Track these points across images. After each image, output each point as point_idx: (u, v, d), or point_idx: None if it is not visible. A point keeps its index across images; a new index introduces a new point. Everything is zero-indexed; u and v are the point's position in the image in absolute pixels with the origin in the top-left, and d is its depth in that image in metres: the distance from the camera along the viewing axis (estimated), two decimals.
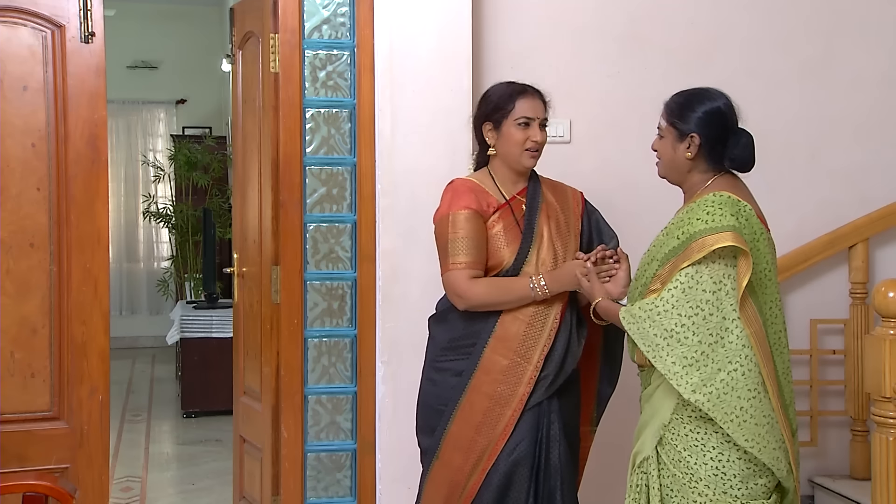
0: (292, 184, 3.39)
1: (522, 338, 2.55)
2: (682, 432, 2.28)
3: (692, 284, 2.20)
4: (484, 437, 2.54)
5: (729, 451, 2.24)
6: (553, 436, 2.57)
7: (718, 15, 3.77)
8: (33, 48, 2.95)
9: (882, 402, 2.68)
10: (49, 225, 2.97)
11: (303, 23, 3.39)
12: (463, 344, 2.60)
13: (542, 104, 2.63)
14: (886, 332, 2.67)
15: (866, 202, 3.83)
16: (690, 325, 2.18)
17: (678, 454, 2.28)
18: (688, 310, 2.19)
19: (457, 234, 2.54)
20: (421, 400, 2.71)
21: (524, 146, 2.58)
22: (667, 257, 2.28)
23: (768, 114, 3.77)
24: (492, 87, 2.70)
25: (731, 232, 2.20)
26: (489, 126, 2.63)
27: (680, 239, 2.25)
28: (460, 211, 2.55)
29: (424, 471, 2.67)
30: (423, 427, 2.69)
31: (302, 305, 3.42)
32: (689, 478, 2.25)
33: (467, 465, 2.55)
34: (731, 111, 2.37)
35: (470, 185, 2.62)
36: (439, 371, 2.64)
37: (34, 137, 2.95)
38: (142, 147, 9.22)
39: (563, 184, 2.78)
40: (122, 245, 9.26)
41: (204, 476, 4.87)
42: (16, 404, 2.95)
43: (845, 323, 3.81)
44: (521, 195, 2.65)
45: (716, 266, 2.21)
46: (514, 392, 2.53)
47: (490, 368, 2.55)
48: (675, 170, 2.40)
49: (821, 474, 3.81)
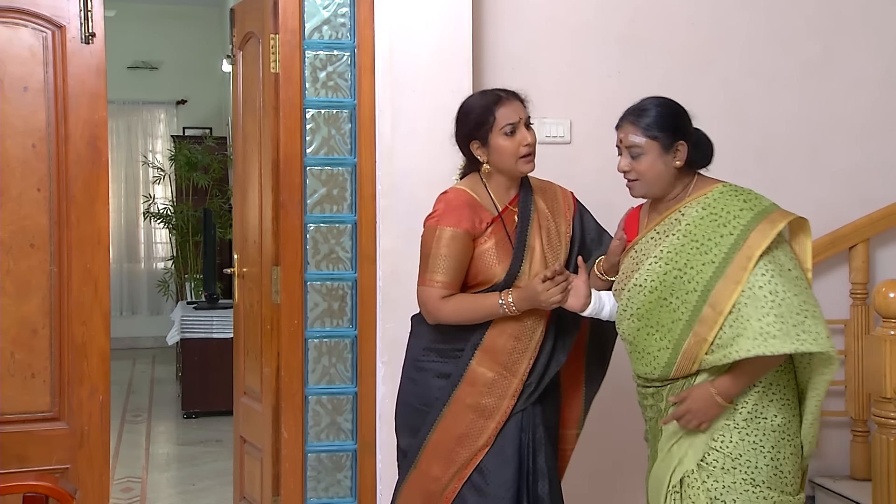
0: (293, 184, 3.39)
1: (510, 352, 2.52)
2: (736, 438, 2.23)
3: (780, 271, 2.19)
4: (466, 449, 2.51)
5: (784, 448, 2.24)
6: (539, 439, 2.54)
7: (718, 15, 3.77)
8: (34, 49, 2.95)
9: (882, 403, 2.68)
10: (49, 225, 2.98)
11: (303, 23, 3.39)
12: (448, 348, 2.56)
13: (520, 104, 2.55)
14: (887, 332, 2.67)
15: (867, 202, 3.83)
16: (808, 300, 2.18)
17: (731, 462, 2.22)
18: (794, 289, 2.17)
19: (440, 251, 2.49)
20: (401, 399, 2.66)
21: (518, 154, 2.51)
22: (728, 256, 2.21)
23: (769, 114, 3.78)
24: (465, 103, 2.62)
25: (778, 210, 2.25)
26: (477, 144, 2.55)
27: (734, 234, 2.22)
28: (447, 227, 2.49)
29: (401, 476, 2.62)
30: (402, 427, 2.65)
31: (302, 306, 3.42)
32: (750, 482, 2.21)
33: (445, 476, 2.52)
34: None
35: (465, 199, 2.54)
36: (420, 370, 2.60)
37: (35, 138, 2.96)
38: (142, 147, 9.22)
39: (554, 184, 2.72)
40: (123, 245, 9.25)
41: (204, 476, 4.87)
42: (16, 405, 2.95)
43: (846, 323, 3.80)
44: (512, 205, 2.59)
45: (782, 245, 2.23)
46: (499, 405, 2.51)
47: (475, 381, 2.52)
48: (665, 182, 2.34)
49: (821, 475, 3.81)
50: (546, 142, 3.56)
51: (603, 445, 3.48)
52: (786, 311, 2.15)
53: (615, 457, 3.58)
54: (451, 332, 2.55)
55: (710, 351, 2.23)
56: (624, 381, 2.86)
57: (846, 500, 3.61)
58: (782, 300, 2.15)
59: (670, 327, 2.29)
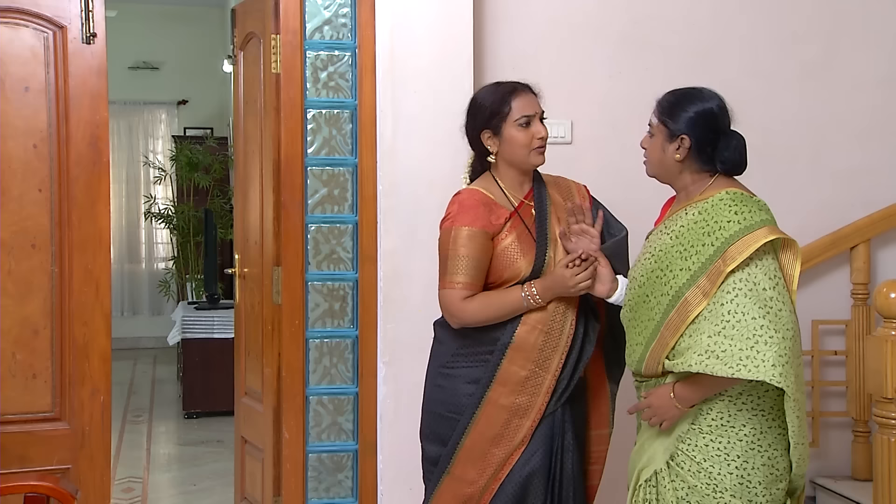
0: (294, 185, 3.39)
1: (541, 348, 2.49)
2: (701, 443, 2.23)
3: (751, 287, 2.14)
4: (502, 449, 2.49)
5: (753, 459, 2.21)
6: (567, 445, 2.53)
7: (718, 15, 3.77)
8: (35, 49, 2.95)
9: (884, 403, 2.68)
10: (50, 226, 2.98)
11: (304, 24, 3.39)
12: (478, 351, 2.52)
13: (535, 98, 2.56)
14: (888, 332, 2.66)
15: (868, 203, 3.82)
16: (769, 325, 2.11)
17: (697, 465, 2.22)
18: (759, 311, 2.12)
19: (458, 252, 2.47)
20: (427, 407, 2.62)
21: (531, 146, 2.51)
22: (704, 266, 2.19)
23: (769, 114, 3.77)
24: (478, 93, 2.62)
25: (767, 226, 2.18)
26: (488, 133, 2.54)
27: (714, 245, 2.19)
28: (463, 227, 2.47)
29: (431, 483, 2.59)
30: (430, 435, 2.60)
31: (303, 306, 3.42)
32: (713, 488, 2.21)
33: (482, 479, 2.49)
34: (723, 113, 2.31)
35: (478, 198, 2.53)
36: (449, 377, 2.56)
37: (36, 138, 2.96)
38: (143, 148, 9.23)
39: (566, 178, 2.72)
40: (124, 246, 9.26)
41: (205, 477, 4.87)
42: (17, 405, 2.96)
43: (847, 324, 3.80)
44: (527, 199, 2.58)
45: (763, 262, 2.16)
46: (533, 403, 2.49)
47: (507, 380, 2.49)
48: (665, 170, 2.34)
49: (822, 475, 3.80)
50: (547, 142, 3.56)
51: None
52: (738, 333, 2.11)
53: (613, 460, 3.57)
54: (479, 334, 2.52)
55: (670, 356, 2.25)
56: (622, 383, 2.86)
57: (847, 501, 3.61)
58: (738, 321, 2.12)
59: (646, 325, 2.31)
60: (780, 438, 2.24)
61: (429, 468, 2.62)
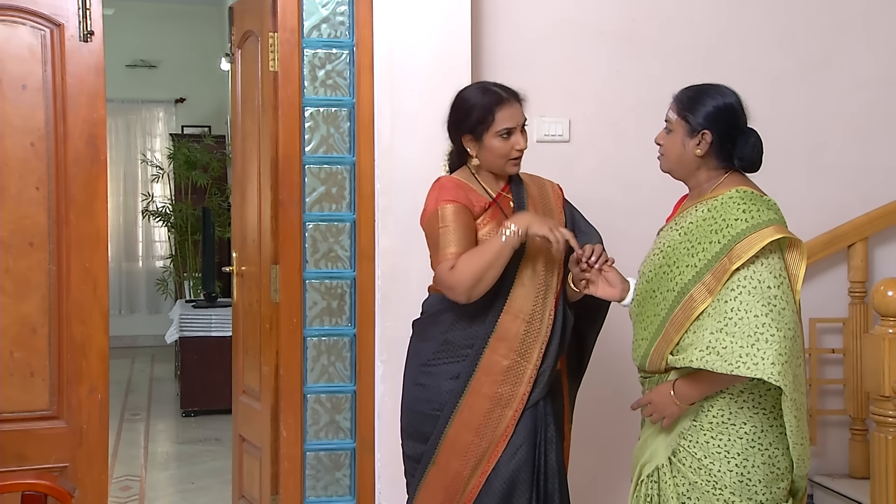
0: (291, 183, 3.39)
1: (523, 336, 2.52)
2: (702, 440, 2.23)
3: (756, 285, 2.14)
4: (485, 439, 2.51)
5: (753, 457, 2.21)
6: (549, 438, 2.55)
7: (718, 15, 3.77)
8: (32, 47, 2.95)
9: (881, 401, 2.68)
10: (48, 224, 2.97)
11: (302, 22, 3.39)
12: (459, 346, 2.55)
13: (520, 108, 2.57)
14: (885, 330, 2.67)
15: (866, 201, 3.83)
16: (771, 324, 2.11)
17: (698, 462, 2.23)
18: (762, 308, 2.12)
19: (447, 225, 2.49)
20: (407, 406, 2.64)
21: (509, 156, 2.54)
22: (710, 263, 2.19)
23: (768, 113, 3.73)
24: (465, 93, 2.62)
25: (774, 225, 2.18)
26: (469, 138, 2.57)
27: (721, 243, 2.19)
28: (448, 204, 2.51)
29: (416, 477, 2.61)
30: (412, 434, 2.63)
31: (301, 304, 3.42)
32: (713, 485, 2.21)
33: (466, 470, 2.52)
34: (742, 109, 2.32)
35: (457, 182, 2.58)
36: (431, 375, 2.58)
37: (33, 137, 2.95)
38: (141, 146, 9.22)
39: (540, 177, 2.75)
40: (122, 244, 9.25)
41: (203, 475, 4.87)
42: (15, 403, 2.95)
43: (844, 322, 3.81)
44: (505, 192, 2.62)
45: (769, 261, 2.16)
46: (515, 392, 2.51)
47: (490, 369, 2.52)
48: (683, 166, 2.33)
49: (820, 473, 3.81)
50: (545, 140, 3.57)
51: (604, 444, 3.49)
52: (739, 331, 2.11)
53: (616, 456, 3.58)
54: (462, 328, 2.55)
55: (674, 351, 2.25)
56: (623, 380, 2.87)
57: (845, 499, 3.62)
58: (741, 318, 2.12)
59: (651, 320, 2.31)
60: (782, 437, 2.24)
61: (411, 465, 2.64)
